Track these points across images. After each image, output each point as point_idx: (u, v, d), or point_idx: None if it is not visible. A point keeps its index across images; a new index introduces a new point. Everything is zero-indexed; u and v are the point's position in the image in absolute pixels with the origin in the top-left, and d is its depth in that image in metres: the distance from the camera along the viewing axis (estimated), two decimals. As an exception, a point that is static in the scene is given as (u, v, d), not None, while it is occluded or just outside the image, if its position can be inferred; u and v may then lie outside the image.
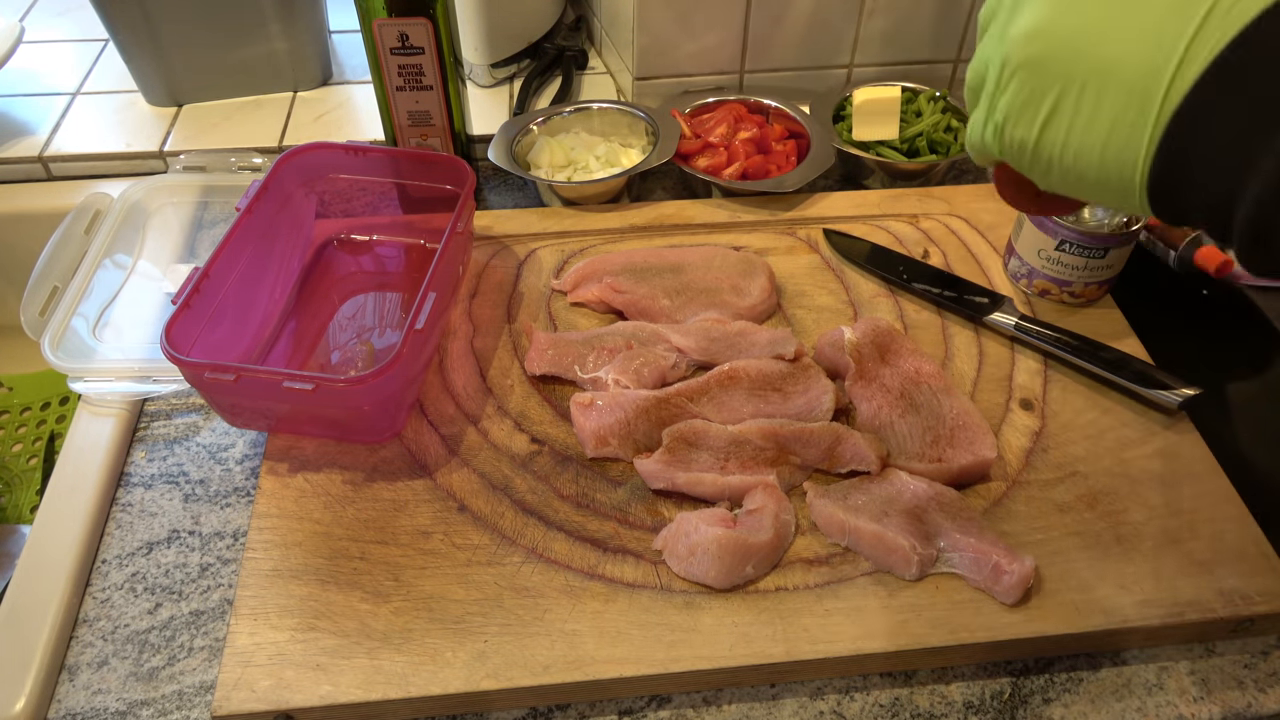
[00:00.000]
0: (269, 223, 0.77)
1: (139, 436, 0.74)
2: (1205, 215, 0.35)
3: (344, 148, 0.79)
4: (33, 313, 0.78)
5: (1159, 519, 0.66)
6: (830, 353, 0.75)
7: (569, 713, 0.59)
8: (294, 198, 0.80)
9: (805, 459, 0.68)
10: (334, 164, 0.81)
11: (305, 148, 0.79)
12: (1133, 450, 0.70)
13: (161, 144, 0.98)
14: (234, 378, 0.62)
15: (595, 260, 0.82)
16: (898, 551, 0.61)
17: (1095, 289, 0.81)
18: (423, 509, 0.66)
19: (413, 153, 0.80)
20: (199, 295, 0.67)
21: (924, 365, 0.73)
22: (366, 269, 0.86)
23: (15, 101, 1.03)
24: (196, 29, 0.97)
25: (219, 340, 0.70)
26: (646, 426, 0.69)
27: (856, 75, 1.06)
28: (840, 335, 0.74)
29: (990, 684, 0.61)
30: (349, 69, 1.09)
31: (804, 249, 0.87)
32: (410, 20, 0.77)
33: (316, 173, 0.81)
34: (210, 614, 0.63)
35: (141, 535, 0.68)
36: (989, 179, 1.00)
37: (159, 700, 0.59)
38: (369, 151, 0.80)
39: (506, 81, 1.08)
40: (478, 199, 0.95)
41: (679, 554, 0.62)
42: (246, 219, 0.73)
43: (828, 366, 0.75)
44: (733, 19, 0.98)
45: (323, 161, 0.80)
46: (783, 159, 0.93)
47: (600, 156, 0.93)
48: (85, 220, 0.87)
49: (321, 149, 0.80)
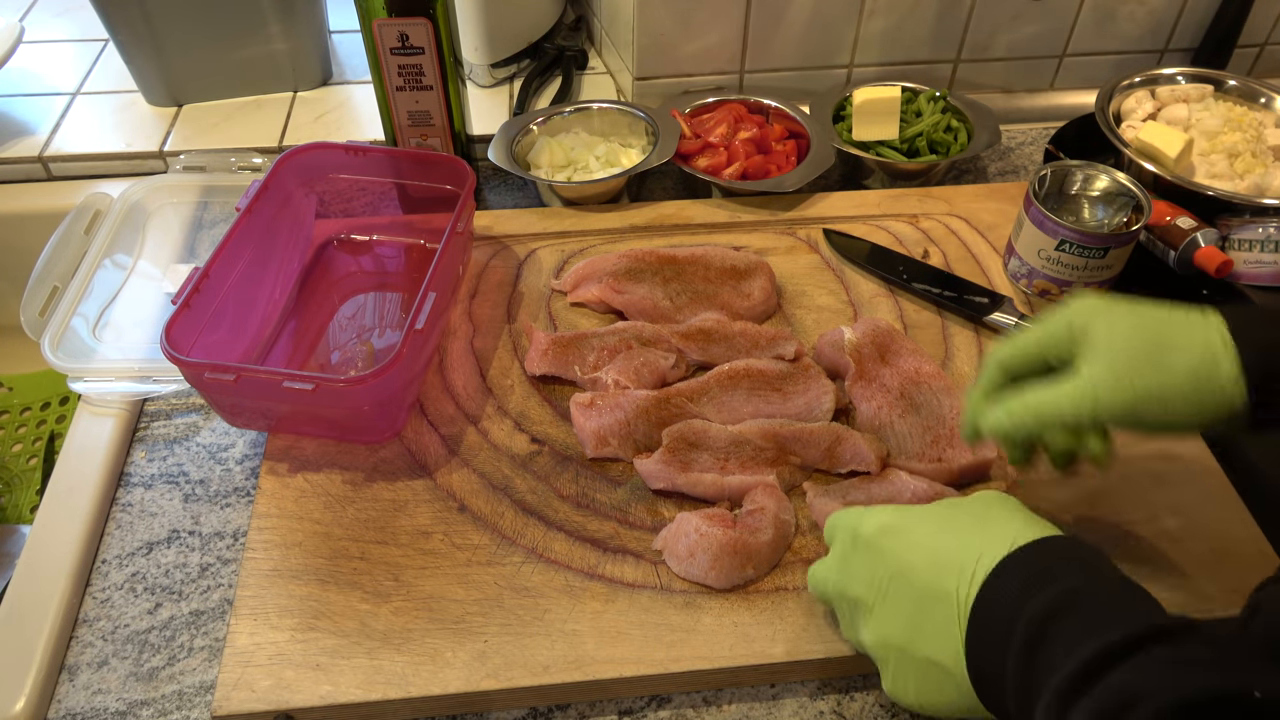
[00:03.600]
0: (269, 223, 0.77)
1: (139, 436, 0.74)
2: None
3: (344, 148, 0.79)
4: (33, 313, 0.78)
5: (1159, 519, 0.66)
6: (830, 353, 0.74)
7: (569, 713, 0.59)
8: (294, 198, 0.80)
9: (805, 459, 0.68)
10: (334, 164, 0.80)
11: (305, 148, 0.79)
12: (1133, 450, 0.70)
13: (161, 144, 0.98)
14: (234, 378, 0.62)
15: (595, 260, 0.82)
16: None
17: (1095, 289, 0.81)
18: (423, 509, 0.66)
19: (413, 153, 0.80)
20: (199, 295, 0.67)
21: (924, 365, 0.73)
22: (366, 269, 0.86)
23: (15, 101, 1.03)
24: (196, 29, 0.97)
25: (219, 340, 0.70)
26: (646, 426, 0.69)
27: (856, 75, 1.06)
28: (840, 335, 0.74)
29: (990, 684, 0.60)
30: (349, 69, 1.09)
31: (804, 249, 0.87)
32: (410, 20, 0.77)
33: (316, 173, 0.81)
34: (210, 614, 0.63)
35: (141, 535, 0.68)
36: (989, 179, 1.01)
37: (159, 700, 0.59)
38: (369, 151, 0.80)
39: (506, 81, 1.08)
40: (478, 199, 0.95)
41: (679, 554, 0.62)
42: (246, 219, 0.73)
43: (828, 366, 0.75)
44: (733, 19, 0.98)
45: (322, 161, 0.80)
46: (783, 159, 0.93)
47: (600, 156, 0.93)
48: (85, 220, 0.87)
49: (321, 149, 0.80)
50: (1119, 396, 0.50)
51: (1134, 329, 0.51)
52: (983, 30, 1.04)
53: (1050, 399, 0.52)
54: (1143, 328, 0.51)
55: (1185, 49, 1.09)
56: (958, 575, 0.48)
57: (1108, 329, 0.52)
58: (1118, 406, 0.50)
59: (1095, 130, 0.91)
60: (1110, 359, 0.51)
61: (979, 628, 0.46)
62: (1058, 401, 0.52)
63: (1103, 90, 0.95)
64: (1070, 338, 0.54)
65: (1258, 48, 1.10)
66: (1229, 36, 1.05)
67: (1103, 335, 0.52)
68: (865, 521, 0.54)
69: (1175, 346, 0.50)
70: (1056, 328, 0.54)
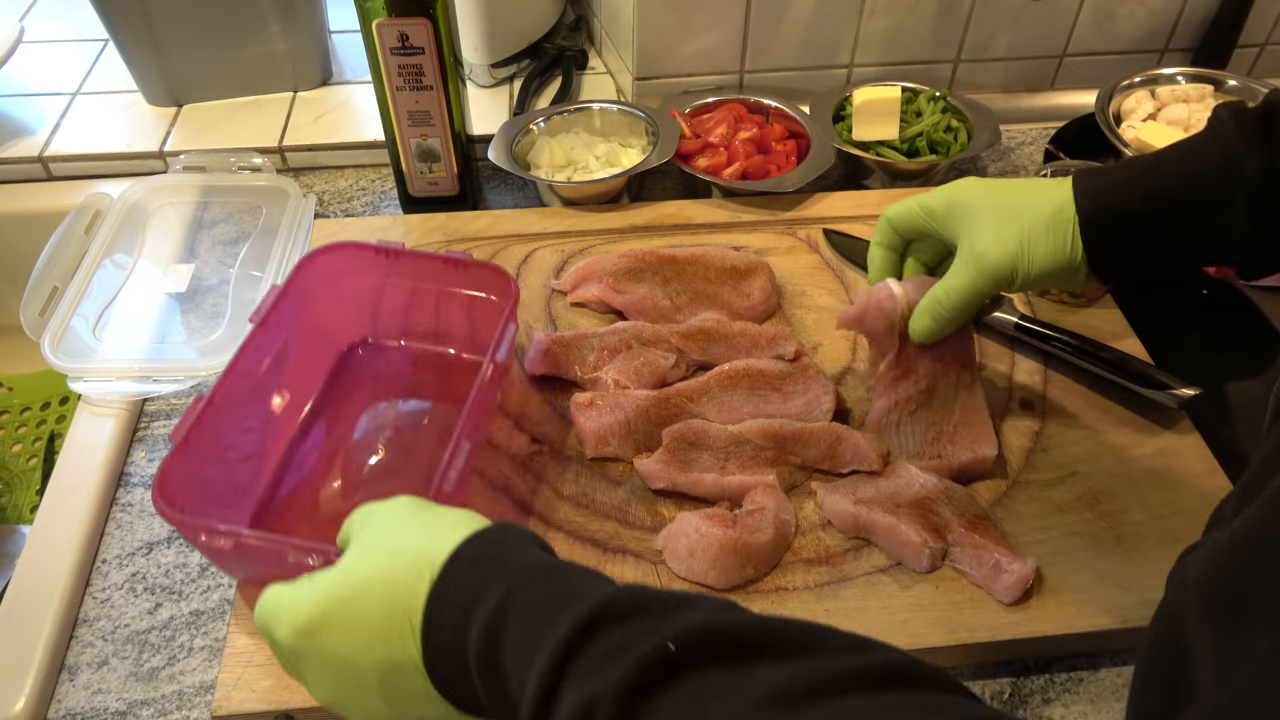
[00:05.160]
0: (287, 333, 0.68)
1: (139, 436, 0.74)
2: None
3: (373, 249, 0.70)
4: (33, 313, 0.78)
5: (1159, 519, 0.66)
6: (877, 319, 0.66)
7: (569, 713, 0.59)
8: (317, 301, 0.71)
9: (805, 459, 0.68)
10: (359, 267, 0.71)
11: (328, 248, 0.70)
12: (1133, 450, 0.70)
13: (161, 144, 0.98)
14: (232, 545, 0.53)
15: (595, 260, 0.82)
16: (909, 545, 0.62)
17: (1095, 289, 0.81)
18: (423, 509, 0.66)
19: (450, 257, 0.70)
20: (200, 430, 0.59)
21: (964, 353, 0.68)
22: (394, 374, 0.75)
23: (15, 101, 1.03)
24: (196, 29, 0.97)
25: (221, 477, 0.62)
26: (646, 426, 0.69)
27: (856, 75, 1.06)
28: (888, 294, 0.65)
29: (990, 684, 0.61)
30: (349, 69, 1.09)
31: (804, 249, 0.87)
32: (410, 20, 0.77)
33: (340, 276, 0.71)
34: (210, 614, 0.63)
35: (141, 535, 0.68)
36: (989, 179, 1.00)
37: (159, 700, 0.59)
38: (401, 254, 0.70)
39: (506, 81, 1.08)
40: (477, 200, 0.95)
41: (679, 554, 0.62)
42: (260, 333, 0.64)
43: (868, 333, 0.67)
44: (733, 19, 0.98)
45: (346, 265, 0.71)
46: (783, 159, 0.93)
47: (600, 156, 0.93)
48: (85, 220, 0.87)
49: (346, 250, 0.70)
50: (1002, 253, 0.59)
51: (1001, 194, 0.61)
52: (983, 30, 1.04)
53: (955, 284, 0.61)
54: (1007, 193, 0.60)
55: (1185, 49, 1.09)
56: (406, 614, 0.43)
57: (979, 199, 0.61)
58: (1005, 264, 0.59)
59: (1095, 130, 0.91)
60: (987, 226, 0.60)
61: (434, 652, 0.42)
62: (960, 285, 0.61)
63: (1103, 90, 0.95)
64: (947, 211, 0.62)
65: (1258, 48, 1.10)
66: (1229, 36, 1.05)
67: (976, 206, 0.61)
68: (282, 624, 0.46)
69: (1033, 205, 0.59)
70: (935, 198, 0.63)
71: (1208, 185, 0.55)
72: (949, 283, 0.62)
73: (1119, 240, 0.57)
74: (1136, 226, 0.57)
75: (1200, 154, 0.56)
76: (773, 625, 0.36)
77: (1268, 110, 0.54)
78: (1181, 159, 0.57)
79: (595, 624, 0.37)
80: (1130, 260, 0.58)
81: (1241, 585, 0.34)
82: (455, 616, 0.41)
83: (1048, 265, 0.58)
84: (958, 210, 0.62)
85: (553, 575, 0.42)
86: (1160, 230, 0.57)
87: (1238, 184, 0.54)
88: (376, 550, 0.45)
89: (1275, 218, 0.54)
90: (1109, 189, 0.58)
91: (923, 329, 0.64)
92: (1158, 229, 0.56)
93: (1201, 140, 0.57)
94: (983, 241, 0.60)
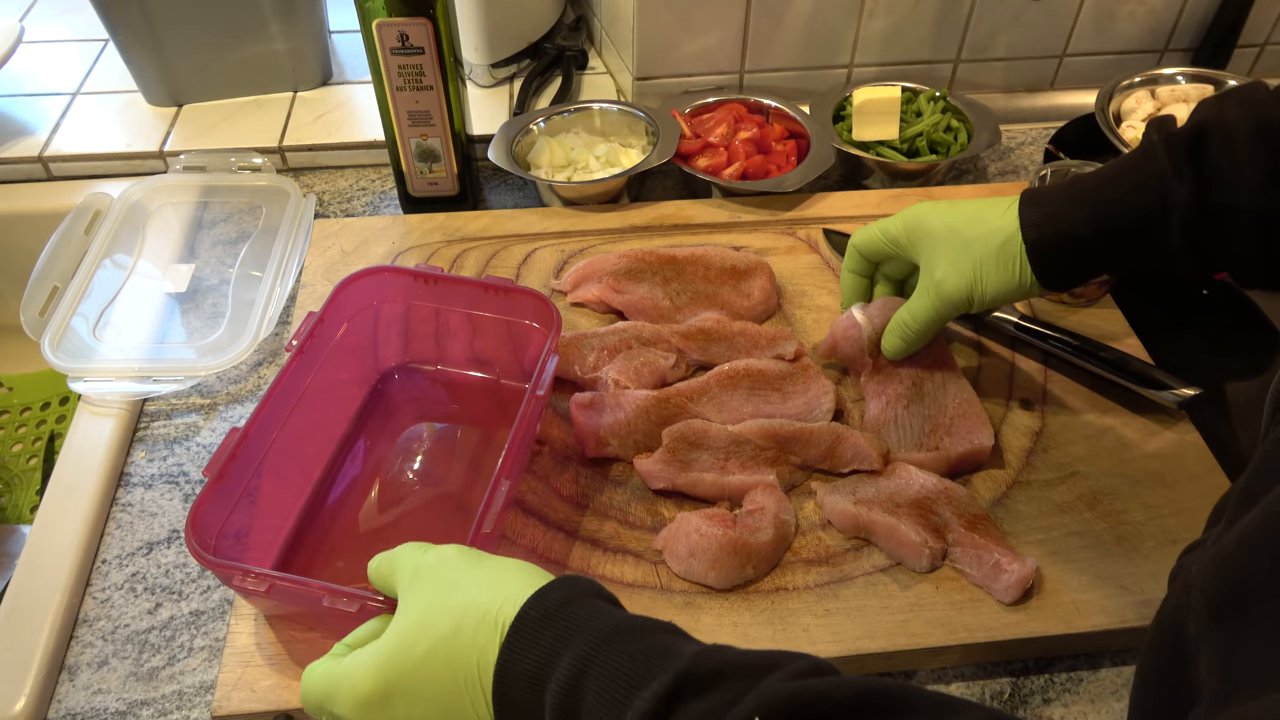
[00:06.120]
0: (322, 358, 0.67)
1: (139, 436, 0.74)
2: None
3: (412, 274, 0.69)
4: (33, 313, 0.78)
5: (1159, 519, 0.66)
6: (847, 347, 0.72)
7: (569, 713, 0.59)
8: (354, 325, 0.70)
9: (805, 459, 0.68)
10: (396, 292, 0.70)
11: (365, 273, 0.69)
12: (1133, 450, 0.70)
13: (161, 144, 0.98)
14: (266, 588, 0.52)
15: (595, 260, 0.82)
16: (909, 545, 0.62)
17: (1095, 289, 0.81)
18: (423, 509, 0.66)
19: (490, 283, 0.68)
20: (235, 464, 0.58)
21: (941, 354, 0.72)
22: (430, 399, 0.75)
23: (15, 101, 1.03)
24: (196, 29, 0.97)
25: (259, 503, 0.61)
26: (646, 426, 0.69)
27: (856, 75, 1.06)
28: (852, 323, 0.71)
29: (990, 684, 0.61)
30: (349, 69, 1.09)
31: (804, 249, 0.87)
32: (410, 20, 0.77)
33: (377, 301, 0.71)
34: (210, 614, 0.63)
35: (141, 535, 0.68)
36: (989, 179, 1.01)
37: (159, 700, 0.59)
38: (440, 279, 0.69)
39: (506, 81, 1.08)
40: (478, 200, 0.95)
41: (679, 554, 0.62)
42: (297, 361, 0.63)
43: (844, 360, 0.74)
44: (733, 19, 0.98)
45: (383, 290, 0.70)
46: (783, 159, 0.93)
47: (600, 156, 0.93)
48: (85, 220, 0.87)
49: (383, 274, 0.69)
50: (958, 283, 0.64)
51: (955, 221, 0.64)
52: (983, 30, 1.04)
53: (918, 308, 0.67)
54: (961, 223, 0.64)
55: (1185, 49, 1.09)
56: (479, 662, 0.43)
57: (936, 224, 0.65)
58: (961, 292, 0.64)
59: (1095, 130, 0.91)
60: (944, 254, 0.64)
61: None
62: (923, 309, 0.66)
63: (1103, 90, 0.95)
64: (908, 237, 0.67)
65: (1258, 48, 1.10)
66: (1229, 36, 1.05)
67: (934, 232, 0.65)
68: (341, 700, 0.45)
69: (982, 237, 0.63)
70: (896, 223, 0.68)
71: (1147, 206, 0.57)
72: (913, 306, 0.67)
73: (1065, 261, 0.61)
74: (1081, 248, 0.60)
75: (1136, 179, 0.58)
76: (857, 689, 0.36)
77: (1198, 131, 0.55)
78: (1120, 181, 0.59)
79: (678, 694, 0.37)
80: (1078, 276, 0.63)
81: (1246, 586, 0.34)
82: (528, 681, 0.41)
83: (1000, 291, 0.63)
84: (916, 234, 0.67)
85: (626, 636, 0.41)
86: (1104, 248, 0.60)
87: (1174, 209, 0.56)
88: (435, 610, 0.44)
89: (1211, 237, 0.56)
90: (1054, 214, 0.61)
91: (894, 348, 0.70)
92: (1101, 247, 0.60)
93: (1137, 160, 0.58)
94: (940, 269, 0.65)
